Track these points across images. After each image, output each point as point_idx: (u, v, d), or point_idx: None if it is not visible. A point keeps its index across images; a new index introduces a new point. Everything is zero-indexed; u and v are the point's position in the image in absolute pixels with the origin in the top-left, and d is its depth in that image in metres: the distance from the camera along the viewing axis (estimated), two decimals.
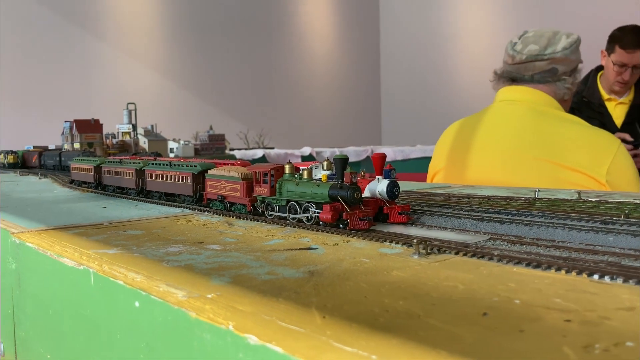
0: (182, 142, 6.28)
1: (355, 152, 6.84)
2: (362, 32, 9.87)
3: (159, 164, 1.94)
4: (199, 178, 1.74)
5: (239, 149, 6.54)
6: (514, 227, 1.26)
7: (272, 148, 6.78)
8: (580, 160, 2.42)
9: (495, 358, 0.56)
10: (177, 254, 1.12)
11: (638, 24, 5.15)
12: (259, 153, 6.26)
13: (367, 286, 0.85)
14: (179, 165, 1.82)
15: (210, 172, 1.68)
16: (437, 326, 0.66)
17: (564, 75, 2.67)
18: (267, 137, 7.20)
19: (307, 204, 1.37)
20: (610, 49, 3.72)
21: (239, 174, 1.55)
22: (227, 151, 6.61)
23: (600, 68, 3.92)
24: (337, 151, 6.66)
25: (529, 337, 0.61)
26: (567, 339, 0.60)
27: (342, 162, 1.32)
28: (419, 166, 6.50)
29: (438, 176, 3.02)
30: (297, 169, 1.48)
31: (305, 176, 1.40)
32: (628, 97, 3.80)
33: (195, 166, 1.75)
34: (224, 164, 1.72)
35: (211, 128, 6.67)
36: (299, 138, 8.20)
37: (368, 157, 6.97)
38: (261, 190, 1.49)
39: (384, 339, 0.62)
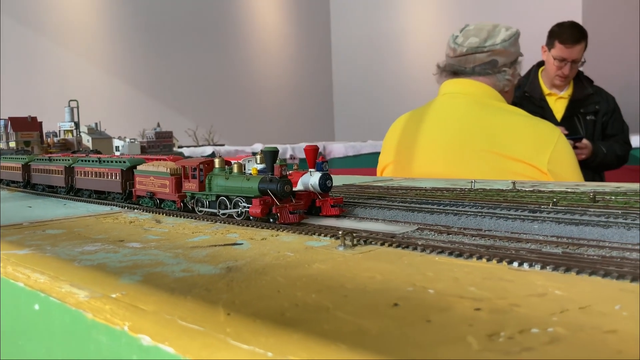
0: (128, 139, 6.11)
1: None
2: (314, 29, 9.85)
3: (88, 161, 1.86)
4: (128, 174, 1.67)
5: (188, 146, 6.41)
6: (444, 217, 1.25)
7: (222, 145, 6.68)
8: (522, 151, 2.46)
9: (397, 350, 0.54)
10: (92, 252, 1.06)
11: (577, 20, 5.30)
12: (208, 150, 6.15)
13: (283, 280, 0.82)
14: (107, 162, 1.75)
15: (139, 167, 1.62)
16: (344, 319, 0.63)
17: (504, 67, 2.71)
18: (217, 133, 7.08)
19: (237, 198, 1.33)
20: (550, 44, 3.81)
21: (168, 170, 1.50)
22: (175, 148, 6.47)
23: (541, 63, 4.00)
24: (289, 147, 6.62)
25: (435, 328, 0.59)
26: (473, 328, 0.59)
27: (272, 155, 1.28)
28: (371, 161, 6.52)
29: (387, 170, 3.03)
30: (228, 163, 1.44)
31: (235, 170, 1.36)
32: (567, 92, 3.90)
33: (124, 162, 1.68)
34: (155, 159, 1.66)
35: (158, 125, 6.51)
36: (250, 135, 8.11)
37: (320, 153, 6.93)
38: (190, 186, 1.44)
39: (285, 335, 0.59)
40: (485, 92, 2.71)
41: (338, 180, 2.39)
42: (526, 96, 3.90)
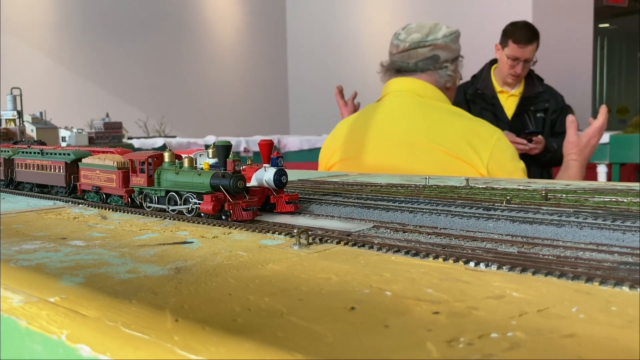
0: (75, 130, 5.90)
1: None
2: (269, 21, 9.74)
3: (30, 152, 1.76)
4: (73, 167, 1.59)
5: (138, 138, 6.24)
6: (399, 214, 1.24)
7: (174, 137, 6.53)
8: (462, 152, 2.49)
9: (354, 358, 0.51)
10: (31, 252, 1.00)
11: (527, 18, 5.42)
12: (159, 142, 6.00)
13: (235, 282, 0.78)
14: (50, 154, 1.66)
15: (84, 160, 1.54)
16: (298, 324, 0.60)
17: (446, 62, 2.73)
18: (168, 125, 6.92)
19: (187, 194, 1.28)
20: (503, 43, 3.88)
21: (115, 163, 1.43)
22: (125, 140, 6.29)
23: (494, 61, 4.07)
24: (242, 140, 6.53)
25: (393, 333, 0.57)
26: (432, 334, 0.57)
27: (224, 149, 1.24)
28: None
29: (334, 169, 3.01)
30: (178, 157, 1.38)
31: (185, 165, 1.31)
32: (518, 90, 3.98)
33: (68, 154, 1.60)
34: (102, 152, 1.59)
35: (107, 115, 6.31)
36: (203, 126, 7.96)
37: (275, 146, 6.89)
38: (138, 180, 1.38)
39: (236, 344, 0.55)
40: (428, 90, 2.72)
41: (293, 175, 2.36)
42: (478, 93, 3.97)
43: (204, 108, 8.69)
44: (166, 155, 1.36)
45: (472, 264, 0.85)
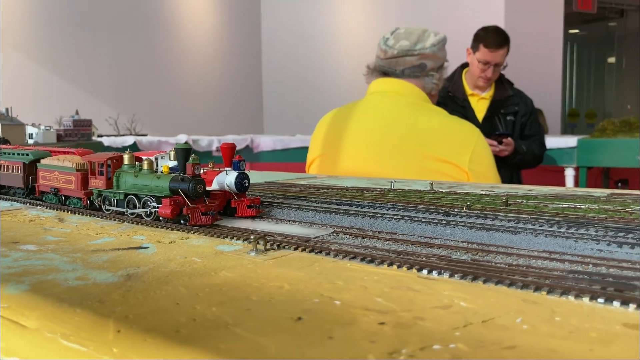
0: (42, 127, 5.78)
1: (234, 141, 6.66)
2: (244, 19, 9.68)
3: None
4: (31, 168, 1.56)
5: (108, 136, 6.14)
6: (360, 219, 1.24)
7: (145, 135, 6.45)
8: (444, 150, 2.52)
9: None
10: None
11: (499, 22, 5.49)
12: (129, 140, 5.92)
13: (185, 290, 0.77)
14: (8, 154, 1.62)
15: (42, 161, 1.51)
16: (242, 336, 0.59)
17: (432, 71, 2.76)
18: (139, 123, 6.83)
19: (146, 197, 1.26)
20: (475, 47, 3.93)
21: (74, 165, 1.40)
22: (94, 137, 6.18)
23: (465, 65, 4.12)
24: (215, 139, 6.47)
25: (336, 345, 0.57)
26: (374, 345, 0.57)
27: (184, 153, 1.23)
28: (299, 155, 6.51)
29: (314, 165, 3.02)
30: (138, 159, 1.36)
31: (145, 167, 1.29)
32: (489, 93, 4.04)
33: (26, 155, 1.57)
34: (61, 152, 1.56)
35: (77, 113, 6.20)
36: (175, 125, 7.87)
37: (248, 146, 6.85)
38: (97, 183, 1.35)
39: (176, 356, 0.55)
40: (413, 92, 2.75)
41: (261, 177, 2.35)
42: (450, 96, 4.01)
43: (177, 106, 8.60)
44: (126, 157, 1.33)
45: (425, 271, 0.85)
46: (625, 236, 1.02)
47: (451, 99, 4.02)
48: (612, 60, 11.28)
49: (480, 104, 4.05)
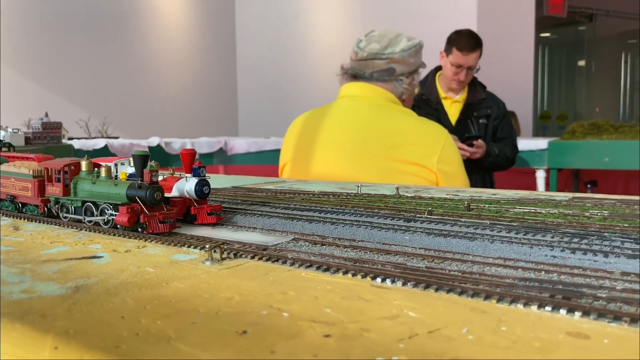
0: (10, 129, 5.65)
1: (207, 144, 6.65)
2: (218, 21, 9.62)
3: None
4: None
5: (79, 138, 6.04)
6: (321, 226, 1.24)
7: (117, 138, 6.36)
8: (413, 152, 2.54)
9: None
10: None
11: (472, 25, 5.55)
12: (100, 143, 5.83)
13: (133, 303, 0.75)
14: None
15: None
16: (183, 351, 0.58)
17: (402, 75, 2.77)
18: (111, 125, 6.73)
19: (104, 205, 1.24)
20: (448, 50, 3.96)
21: (30, 171, 1.37)
22: (64, 140, 6.07)
23: (439, 68, 4.16)
24: (188, 142, 6.42)
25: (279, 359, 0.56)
26: None
27: (141, 159, 1.21)
28: (273, 158, 6.48)
29: (286, 169, 3.01)
30: (97, 166, 1.34)
31: (103, 174, 1.27)
32: (462, 96, 4.08)
33: None
34: (19, 158, 1.52)
35: (46, 115, 6.08)
36: (147, 127, 7.77)
37: (222, 148, 6.81)
38: (54, 190, 1.32)
39: None
40: (382, 95, 2.75)
41: (229, 181, 2.33)
42: (423, 99, 4.04)
43: (149, 108, 8.50)
44: (83, 164, 1.31)
45: (378, 280, 0.85)
46: (579, 242, 1.03)
47: (425, 102, 4.04)
48: (582, 63, 11.50)
49: (453, 107, 4.09)
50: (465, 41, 3.92)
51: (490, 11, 7.22)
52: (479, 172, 3.96)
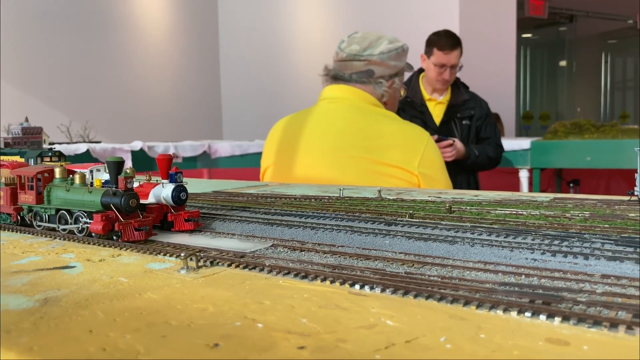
0: None
1: (191, 147, 6.60)
2: (200, 23, 9.56)
3: None
4: None
5: (60, 143, 5.96)
6: (301, 231, 1.22)
7: (99, 142, 6.28)
8: (394, 156, 2.53)
9: None
10: None
11: (454, 28, 5.57)
12: (82, 148, 5.75)
13: (103, 316, 0.73)
14: None
15: None
16: None
17: (381, 78, 2.75)
18: (93, 129, 6.65)
19: (78, 213, 1.21)
20: (429, 52, 3.98)
21: (2, 179, 1.34)
22: (45, 145, 5.98)
23: (422, 70, 4.17)
24: (171, 146, 6.36)
25: None
26: None
27: (115, 166, 1.18)
28: (257, 161, 6.45)
29: (267, 173, 2.99)
30: (71, 172, 1.31)
31: (77, 181, 1.24)
32: (446, 98, 4.10)
33: None
34: None
35: (27, 120, 5.99)
36: (130, 131, 7.71)
37: (205, 152, 6.76)
38: (27, 198, 1.29)
39: None
40: (362, 96, 2.74)
41: (210, 185, 2.31)
42: (408, 101, 4.04)
43: (132, 112, 8.42)
44: (57, 170, 1.28)
45: (357, 286, 0.83)
46: (560, 244, 1.02)
47: (409, 104, 4.05)
48: (563, 63, 11.61)
49: (437, 109, 4.10)
50: (445, 41, 3.95)
51: (473, 12, 7.26)
52: (464, 172, 3.98)
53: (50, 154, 1.55)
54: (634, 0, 9.98)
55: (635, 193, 1.54)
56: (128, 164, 5.73)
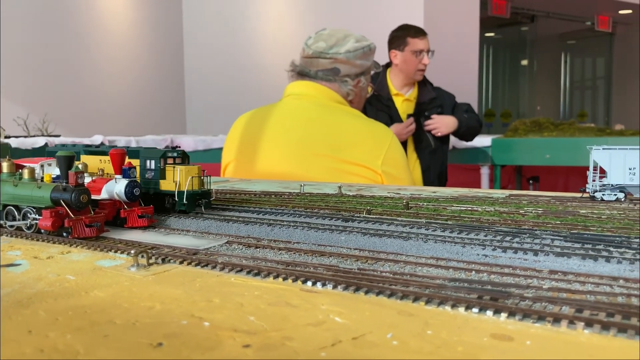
0: None
1: (153, 141, 6.48)
2: (165, 16, 9.41)
3: None
4: None
5: (17, 137, 5.78)
6: (258, 227, 1.21)
7: (58, 136, 6.12)
8: (358, 155, 2.53)
9: None
10: None
11: (419, 24, 5.61)
12: (40, 141, 5.58)
13: (45, 315, 0.71)
14: None
15: None
16: None
17: (347, 77, 2.75)
18: (52, 123, 6.47)
19: (27, 208, 1.17)
20: (401, 44, 4.00)
21: None
22: (1, 139, 5.81)
23: (389, 65, 4.19)
24: (133, 140, 6.24)
25: None
26: None
27: (66, 160, 1.15)
28: (221, 156, 6.39)
29: (229, 169, 2.96)
30: (21, 167, 1.26)
31: (25, 176, 1.20)
32: (412, 94, 4.14)
33: None
34: None
35: None
36: (91, 125, 7.53)
37: (168, 146, 6.66)
38: None
39: None
40: (327, 94, 2.74)
41: None
42: (375, 95, 4.06)
43: (93, 105, 8.23)
44: (5, 165, 1.23)
45: (309, 283, 0.83)
46: (511, 240, 1.04)
47: (376, 98, 4.07)
48: (524, 62, 11.85)
49: (404, 105, 4.13)
50: (415, 28, 4.06)
51: (437, 11, 7.34)
52: (436, 166, 4.05)
53: (175, 154, 1.40)
54: (593, 2, 10.25)
55: (587, 190, 1.59)
56: None
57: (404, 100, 4.12)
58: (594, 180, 1.57)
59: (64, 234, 1.12)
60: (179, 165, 1.37)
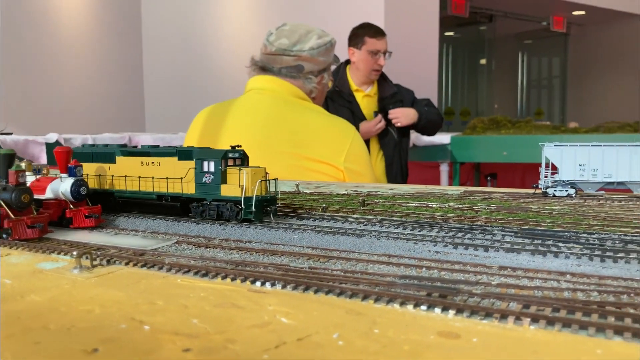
0: None
1: (111, 139, 6.32)
2: (123, 13, 9.20)
3: None
4: None
5: None
6: (209, 227, 1.18)
7: (10, 134, 5.90)
8: (320, 151, 2.51)
9: None
10: None
11: (379, 22, 5.64)
12: None
13: None
14: None
15: None
16: None
17: (310, 73, 2.73)
18: (4, 120, 6.25)
19: None
20: (359, 42, 4.01)
21: None
22: None
23: (349, 61, 4.20)
24: (89, 138, 6.08)
25: None
26: None
27: (6, 158, 1.09)
28: None
29: None
30: None
31: None
32: (373, 90, 4.16)
33: None
34: None
35: None
36: (45, 122, 7.31)
37: (126, 144, 6.49)
38: None
39: None
40: (290, 90, 2.72)
41: None
42: (336, 91, 4.07)
43: (47, 102, 7.99)
44: None
45: (258, 283, 0.81)
46: (463, 236, 1.04)
47: (338, 94, 4.07)
48: (483, 62, 12.06)
49: (365, 101, 4.15)
50: (375, 29, 4.05)
51: (397, 9, 7.39)
52: (399, 160, 4.09)
53: (236, 154, 1.28)
54: (548, 3, 10.50)
55: (540, 186, 1.61)
56: (42, 157, 5.43)
57: (364, 96, 4.14)
58: (546, 177, 1.60)
59: (4, 236, 1.07)
60: (244, 168, 1.23)
